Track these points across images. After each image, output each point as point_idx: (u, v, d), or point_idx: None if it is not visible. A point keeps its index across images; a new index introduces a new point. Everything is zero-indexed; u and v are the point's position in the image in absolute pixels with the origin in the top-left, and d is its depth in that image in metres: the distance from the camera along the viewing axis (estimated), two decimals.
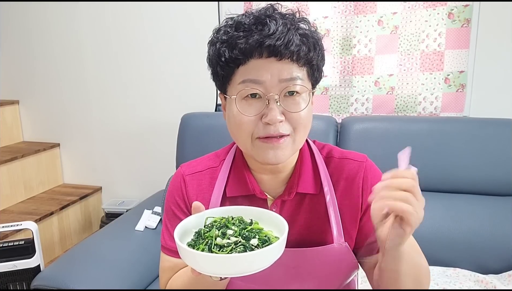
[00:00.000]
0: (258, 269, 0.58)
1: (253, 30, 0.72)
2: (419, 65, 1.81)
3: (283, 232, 0.63)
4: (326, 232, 0.82)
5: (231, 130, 0.79)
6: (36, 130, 2.49)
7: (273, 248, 0.59)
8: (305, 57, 0.75)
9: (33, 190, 2.32)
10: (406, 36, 1.80)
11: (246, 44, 0.72)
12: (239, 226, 0.66)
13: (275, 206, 0.82)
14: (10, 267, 1.57)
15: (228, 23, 0.76)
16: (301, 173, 0.83)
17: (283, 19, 0.73)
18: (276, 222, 0.68)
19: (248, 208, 0.72)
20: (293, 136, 0.75)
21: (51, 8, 2.28)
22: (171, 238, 0.86)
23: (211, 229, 0.65)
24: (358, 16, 1.84)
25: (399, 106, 1.87)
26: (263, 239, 0.63)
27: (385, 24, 1.82)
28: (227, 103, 0.79)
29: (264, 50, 0.72)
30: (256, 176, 0.84)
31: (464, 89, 1.78)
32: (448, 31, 1.75)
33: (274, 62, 0.73)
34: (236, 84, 0.75)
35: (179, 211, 0.87)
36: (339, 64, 1.91)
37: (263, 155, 0.75)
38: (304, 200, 0.83)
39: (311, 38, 0.75)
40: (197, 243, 0.63)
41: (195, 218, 0.69)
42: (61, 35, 2.31)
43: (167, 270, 0.87)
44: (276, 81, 0.73)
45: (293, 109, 0.74)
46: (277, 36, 0.71)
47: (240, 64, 0.74)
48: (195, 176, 0.87)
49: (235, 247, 0.60)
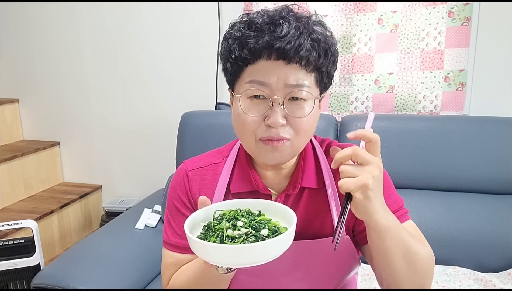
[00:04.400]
0: (269, 258, 0.60)
1: (265, 31, 0.72)
2: (419, 63, 1.81)
3: (292, 222, 0.64)
4: (328, 225, 0.83)
5: (236, 127, 0.80)
6: (36, 129, 2.49)
7: (284, 237, 0.61)
8: (315, 63, 0.74)
9: (33, 188, 2.32)
10: (406, 34, 1.80)
11: (256, 44, 0.72)
12: (248, 217, 0.68)
13: (279, 200, 0.83)
14: (10, 265, 1.57)
15: (243, 19, 0.76)
16: (305, 168, 0.84)
17: (296, 21, 0.72)
18: (282, 213, 0.69)
19: (254, 201, 0.73)
20: (293, 140, 0.75)
21: (51, 7, 2.28)
22: (174, 234, 0.87)
23: (221, 221, 0.67)
24: (358, 14, 1.84)
25: (399, 104, 1.87)
26: (273, 229, 0.65)
27: (385, 22, 1.82)
28: (234, 100, 0.80)
29: (273, 52, 0.71)
30: (259, 172, 0.85)
31: (464, 87, 1.78)
32: (448, 29, 1.75)
33: (282, 66, 0.72)
34: (243, 83, 0.76)
35: (183, 206, 0.87)
36: (339, 63, 1.91)
37: (263, 156, 0.77)
38: (307, 194, 0.84)
39: (323, 44, 0.74)
40: (207, 236, 0.65)
41: (202, 212, 0.70)
42: (61, 34, 2.30)
43: (170, 266, 0.88)
44: (282, 85, 0.73)
45: (297, 114, 0.74)
46: (288, 39, 0.70)
47: (249, 64, 0.74)
48: (198, 172, 0.88)
49: (246, 238, 0.62)
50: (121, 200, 2.29)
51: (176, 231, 0.87)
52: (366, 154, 0.65)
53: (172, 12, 2.09)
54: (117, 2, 2.15)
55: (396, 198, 0.85)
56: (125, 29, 2.19)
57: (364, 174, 0.63)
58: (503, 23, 1.70)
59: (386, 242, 0.70)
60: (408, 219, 0.83)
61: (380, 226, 0.68)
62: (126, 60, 2.23)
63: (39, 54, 2.37)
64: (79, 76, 2.33)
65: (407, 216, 0.84)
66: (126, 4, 2.15)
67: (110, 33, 2.22)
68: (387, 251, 0.71)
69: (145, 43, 2.17)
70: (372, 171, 0.64)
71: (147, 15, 2.13)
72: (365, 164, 0.64)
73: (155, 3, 2.10)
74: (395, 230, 0.70)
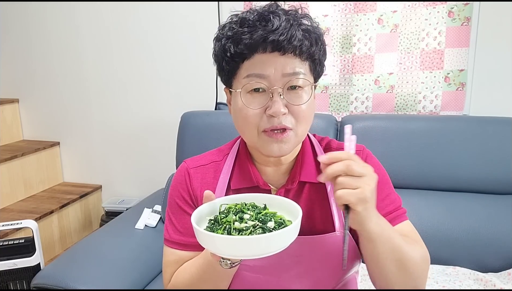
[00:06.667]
0: (275, 250, 0.61)
1: (257, 26, 0.75)
2: (419, 63, 1.81)
3: (297, 215, 0.65)
4: (328, 221, 0.84)
5: (237, 123, 0.82)
6: (36, 129, 2.49)
7: (290, 229, 0.62)
8: (308, 51, 0.77)
9: (33, 188, 2.32)
10: (406, 34, 1.80)
11: (250, 39, 0.74)
12: (254, 210, 0.69)
13: (278, 195, 0.84)
14: (10, 265, 1.57)
15: (233, 19, 0.79)
16: (303, 163, 0.86)
17: (286, 15, 0.76)
18: (286, 207, 0.71)
19: (258, 195, 0.75)
20: (296, 129, 0.78)
21: (51, 7, 2.28)
22: (176, 231, 0.88)
23: (227, 215, 0.68)
24: (358, 14, 1.84)
25: (399, 104, 1.87)
26: (279, 222, 0.66)
27: (385, 22, 1.82)
28: (233, 97, 0.82)
29: (268, 45, 0.74)
30: (259, 169, 0.87)
31: (464, 87, 1.78)
32: (448, 29, 1.75)
33: (277, 57, 0.75)
34: (241, 78, 0.78)
35: (184, 203, 0.88)
36: (339, 63, 1.91)
37: (268, 148, 0.78)
38: (306, 190, 0.86)
39: (313, 34, 0.78)
40: (213, 229, 0.66)
41: (207, 206, 0.72)
42: (61, 34, 2.30)
43: (172, 264, 0.88)
44: (280, 75, 0.75)
45: (296, 102, 0.77)
46: (281, 31, 0.73)
47: (245, 59, 0.77)
48: (199, 170, 0.90)
49: (253, 230, 0.64)
50: (121, 200, 2.29)
51: (178, 228, 0.88)
52: (360, 167, 0.65)
53: (172, 12, 2.09)
54: (117, 2, 2.15)
55: (395, 198, 0.85)
56: (125, 29, 2.19)
57: (364, 187, 0.64)
58: (503, 23, 1.70)
59: (379, 248, 0.71)
60: (405, 219, 0.84)
61: (373, 234, 0.70)
62: (126, 60, 2.23)
63: (39, 54, 2.37)
64: (79, 76, 2.33)
65: (404, 217, 0.84)
66: (126, 4, 2.15)
67: (110, 33, 2.22)
68: (379, 257, 0.73)
69: (145, 42, 2.17)
70: (369, 183, 0.65)
71: (147, 15, 2.13)
72: (361, 177, 0.65)
73: (155, 2, 2.10)
74: (387, 236, 0.71)
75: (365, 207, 0.65)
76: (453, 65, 1.78)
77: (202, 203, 0.72)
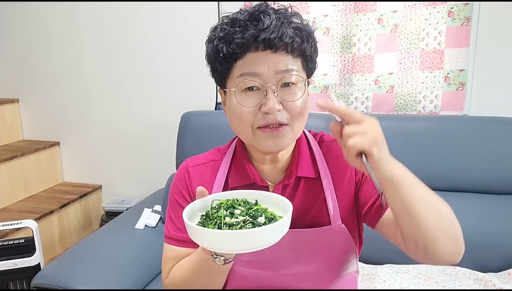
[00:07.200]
0: (266, 244, 0.62)
1: (249, 25, 0.76)
2: (419, 63, 1.81)
3: (287, 211, 0.66)
4: (324, 215, 0.85)
5: (232, 122, 0.83)
6: (36, 129, 2.49)
7: (280, 224, 0.63)
8: (299, 48, 0.78)
9: (33, 188, 2.32)
10: (406, 34, 1.80)
11: (242, 38, 0.76)
12: (245, 206, 0.70)
13: (276, 191, 0.86)
14: (10, 265, 1.57)
15: (224, 21, 0.80)
16: (299, 158, 0.87)
17: (276, 14, 0.77)
18: (277, 203, 0.71)
19: (250, 192, 0.75)
20: (292, 125, 0.79)
21: (51, 7, 2.28)
22: (175, 228, 0.90)
23: (218, 210, 0.69)
24: (358, 14, 1.84)
25: (399, 104, 1.87)
26: (269, 217, 0.67)
27: (385, 22, 1.82)
28: (227, 97, 0.83)
29: (260, 43, 0.75)
30: (256, 166, 0.88)
31: (464, 87, 1.78)
32: (448, 29, 1.75)
33: (270, 55, 0.76)
34: (234, 78, 0.79)
35: (183, 200, 0.90)
36: (339, 63, 1.91)
37: (265, 144, 0.79)
38: (303, 185, 0.87)
39: (304, 31, 0.79)
40: (205, 224, 0.67)
41: (200, 202, 0.72)
42: (61, 33, 2.30)
43: (170, 259, 0.90)
44: (273, 72, 0.77)
45: (290, 98, 0.78)
46: (272, 29, 0.75)
47: (238, 58, 0.78)
48: (198, 168, 0.92)
49: (244, 225, 0.64)
50: (121, 200, 2.29)
51: (177, 225, 0.90)
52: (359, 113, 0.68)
53: (172, 12, 2.09)
54: (117, 2, 2.15)
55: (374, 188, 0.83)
56: (125, 29, 2.19)
57: (372, 129, 0.66)
58: (503, 23, 1.70)
59: (407, 195, 0.67)
60: None
61: (396, 178, 0.67)
62: (126, 60, 2.23)
63: (39, 54, 2.37)
64: (79, 76, 2.33)
65: None
66: (126, 4, 2.15)
67: (110, 33, 2.22)
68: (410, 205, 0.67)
69: (145, 42, 2.17)
70: (375, 124, 0.67)
71: (147, 15, 2.13)
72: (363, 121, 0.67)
73: (155, 3, 2.10)
74: (412, 180, 0.69)
75: (379, 149, 0.66)
76: (453, 65, 1.78)
77: (195, 199, 0.73)
